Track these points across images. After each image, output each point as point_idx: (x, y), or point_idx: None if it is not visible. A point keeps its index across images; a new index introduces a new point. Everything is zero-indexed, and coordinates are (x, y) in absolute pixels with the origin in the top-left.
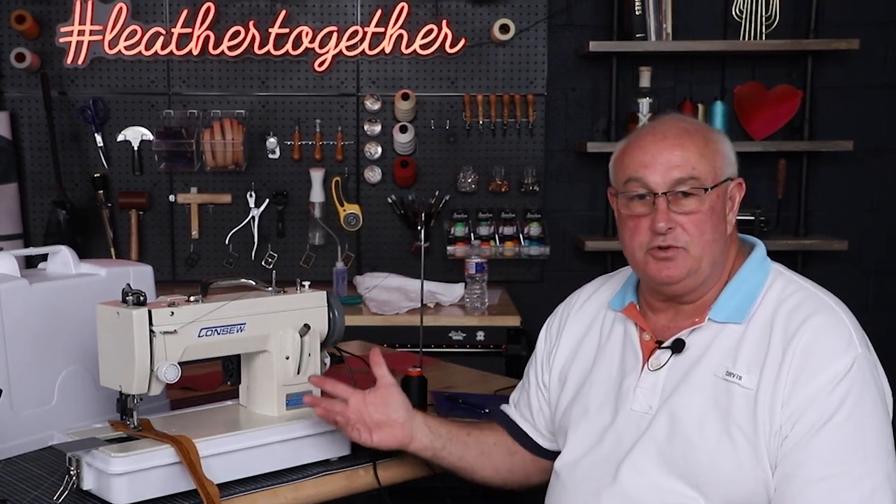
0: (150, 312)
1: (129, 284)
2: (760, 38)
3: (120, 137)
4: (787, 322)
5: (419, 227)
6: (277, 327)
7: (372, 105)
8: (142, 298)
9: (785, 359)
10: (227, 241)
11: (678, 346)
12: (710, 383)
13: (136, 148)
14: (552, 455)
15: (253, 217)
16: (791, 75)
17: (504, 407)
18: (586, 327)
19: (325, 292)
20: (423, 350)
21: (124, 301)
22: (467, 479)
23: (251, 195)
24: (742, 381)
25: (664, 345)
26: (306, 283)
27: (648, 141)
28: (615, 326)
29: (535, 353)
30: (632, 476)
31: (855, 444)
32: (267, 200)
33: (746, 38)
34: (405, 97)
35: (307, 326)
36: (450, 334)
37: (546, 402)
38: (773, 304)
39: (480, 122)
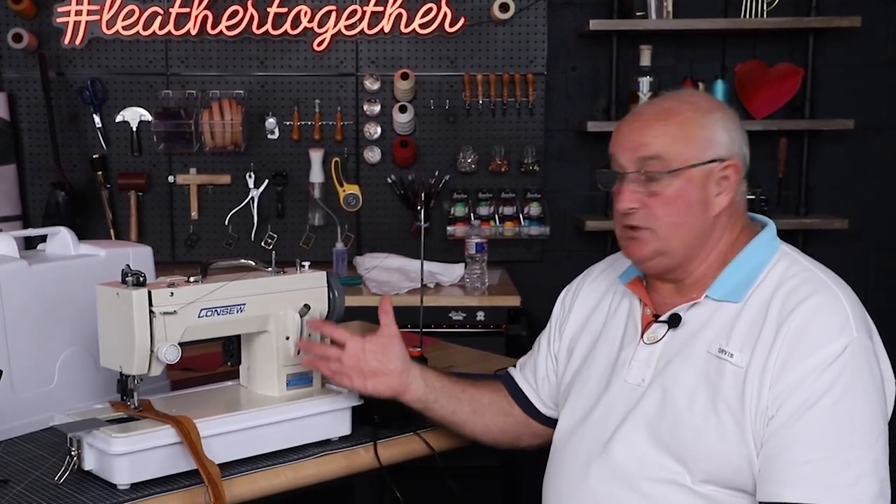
0: (149, 293)
1: (128, 265)
2: (761, 15)
3: (118, 118)
4: (783, 302)
5: (419, 208)
6: (277, 308)
7: (371, 85)
8: (141, 279)
9: (777, 339)
10: (226, 222)
11: (675, 321)
12: (703, 359)
13: (134, 129)
14: (550, 422)
15: (252, 198)
16: (792, 53)
17: (510, 370)
18: (597, 300)
19: (324, 273)
20: (424, 330)
21: (124, 282)
22: (457, 433)
23: (250, 176)
24: (734, 358)
25: (661, 319)
26: (306, 264)
27: (627, 120)
28: (623, 300)
29: (550, 320)
30: (621, 448)
31: (842, 429)
32: (266, 181)
33: (747, 16)
34: (404, 77)
35: (307, 307)
36: (450, 314)
37: (553, 372)
38: (773, 284)
39: (480, 102)
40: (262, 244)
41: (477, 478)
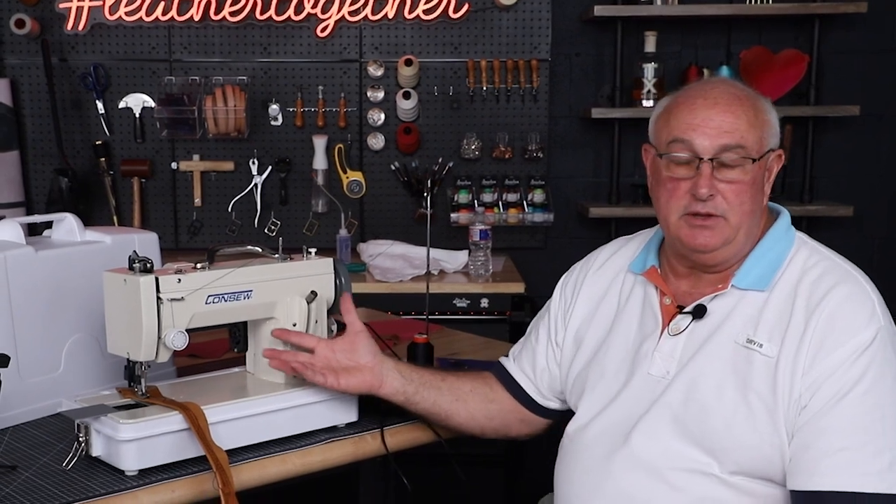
0: (157, 279)
1: (135, 251)
2: (767, 1)
3: (121, 104)
4: (810, 291)
5: (425, 194)
6: (284, 294)
7: (375, 71)
8: (149, 266)
9: (808, 328)
10: (229, 209)
11: (700, 312)
12: (730, 350)
13: (137, 115)
14: (548, 412)
15: (255, 184)
16: (798, 39)
17: (503, 360)
18: (605, 289)
19: (331, 259)
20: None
21: (131, 268)
22: (443, 426)
23: (254, 162)
24: (763, 348)
25: (685, 310)
26: (313, 250)
27: (699, 104)
28: (635, 289)
29: (547, 309)
30: (643, 440)
31: (874, 417)
32: (269, 168)
33: (753, 2)
34: (408, 63)
35: (314, 293)
36: (454, 301)
37: (556, 363)
38: (797, 273)
39: (484, 89)
40: (266, 231)
41: (481, 465)
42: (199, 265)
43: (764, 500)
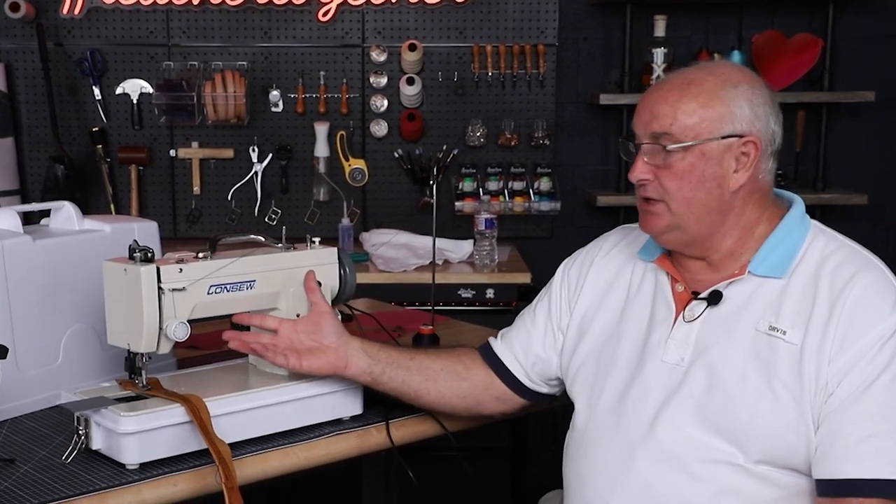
0: (158, 269)
1: (136, 241)
2: None
3: (118, 90)
4: (832, 278)
5: (431, 182)
6: (288, 284)
7: (378, 56)
8: (149, 255)
9: (832, 315)
10: (229, 197)
11: (715, 298)
12: (751, 337)
13: (135, 101)
14: (531, 394)
15: (256, 172)
16: (811, 24)
17: (490, 339)
18: (613, 276)
19: (335, 249)
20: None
21: (131, 258)
22: (413, 405)
23: (254, 150)
24: (787, 336)
25: (701, 296)
26: (316, 240)
27: (648, 91)
28: (646, 277)
29: (548, 295)
30: (667, 431)
31: None
32: (270, 155)
33: None
34: (412, 48)
35: (318, 283)
36: (459, 292)
37: (554, 350)
38: (815, 260)
39: (489, 74)
40: (266, 220)
41: (485, 458)
42: (200, 254)
43: (788, 490)
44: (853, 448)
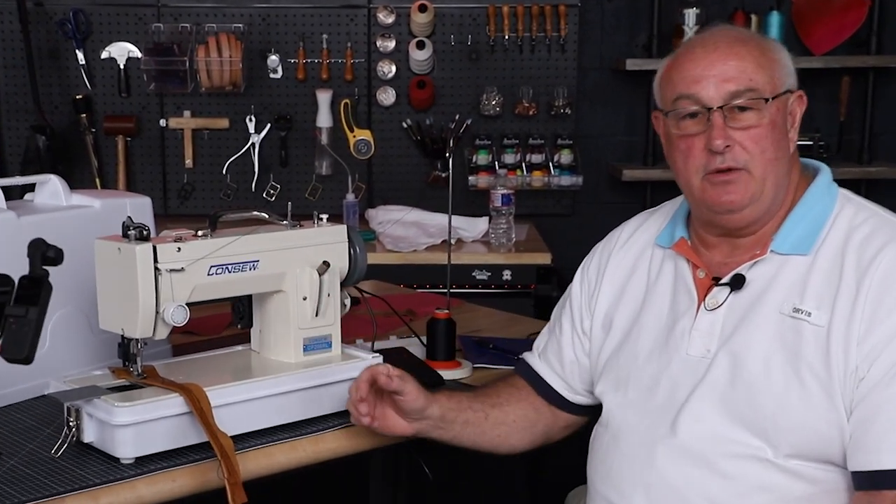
0: (154, 248)
1: (129, 217)
2: None
3: (104, 55)
4: (860, 252)
5: (448, 154)
6: (294, 265)
7: (385, 18)
8: (145, 233)
9: (860, 292)
10: (224, 171)
11: (738, 283)
12: (775, 321)
13: (122, 66)
14: (578, 409)
15: (253, 144)
16: None
17: (528, 357)
18: (631, 267)
19: (345, 226)
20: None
21: (125, 236)
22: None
23: (251, 120)
24: (812, 317)
25: (722, 281)
26: (324, 217)
27: (698, 53)
28: (665, 265)
29: (568, 297)
30: (690, 426)
31: None
32: (268, 125)
33: None
34: (422, 9)
35: (326, 264)
36: (473, 273)
37: (584, 353)
38: (842, 232)
39: (506, 38)
40: (264, 195)
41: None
42: (200, 233)
43: (823, 486)
44: (888, 436)
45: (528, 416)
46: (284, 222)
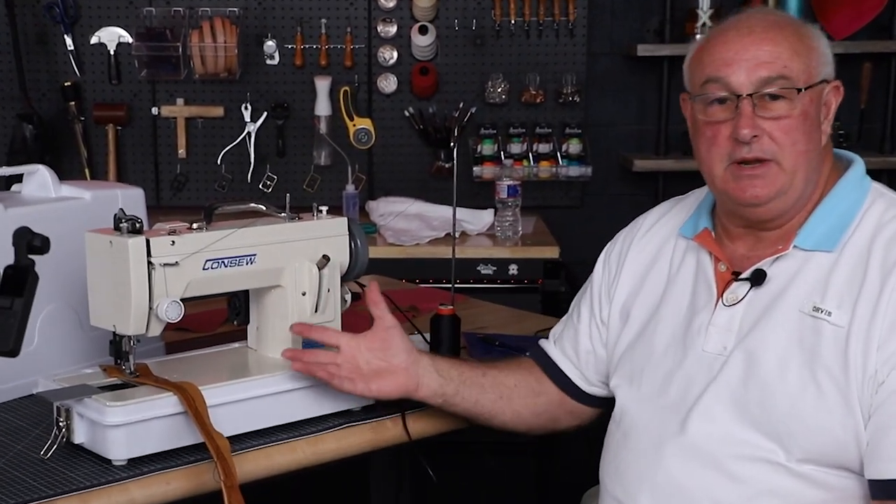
0: (148, 242)
1: (122, 209)
2: None
3: (93, 40)
4: (886, 250)
5: (451, 144)
6: (292, 259)
7: (386, 2)
8: (137, 226)
9: (883, 293)
10: (218, 161)
11: (758, 278)
12: (795, 319)
13: (112, 52)
14: (593, 400)
15: (249, 133)
16: None
17: (543, 343)
18: (653, 256)
19: (345, 219)
20: (449, 286)
21: (117, 229)
22: (484, 426)
23: (246, 108)
24: (832, 317)
25: (742, 276)
26: (324, 209)
27: (731, 36)
28: (687, 256)
29: (590, 283)
30: (700, 425)
31: None
32: (265, 114)
33: None
34: None
35: (326, 258)
36: (478, 268)
37: (601, 343)
38: (870, 229)
39: (512, 22)
40: (261, 186)
41: (509, 455)
42: (195, 225)
43: (839, 493)
44: None
45: (529, 385)
46: (282, 215)
